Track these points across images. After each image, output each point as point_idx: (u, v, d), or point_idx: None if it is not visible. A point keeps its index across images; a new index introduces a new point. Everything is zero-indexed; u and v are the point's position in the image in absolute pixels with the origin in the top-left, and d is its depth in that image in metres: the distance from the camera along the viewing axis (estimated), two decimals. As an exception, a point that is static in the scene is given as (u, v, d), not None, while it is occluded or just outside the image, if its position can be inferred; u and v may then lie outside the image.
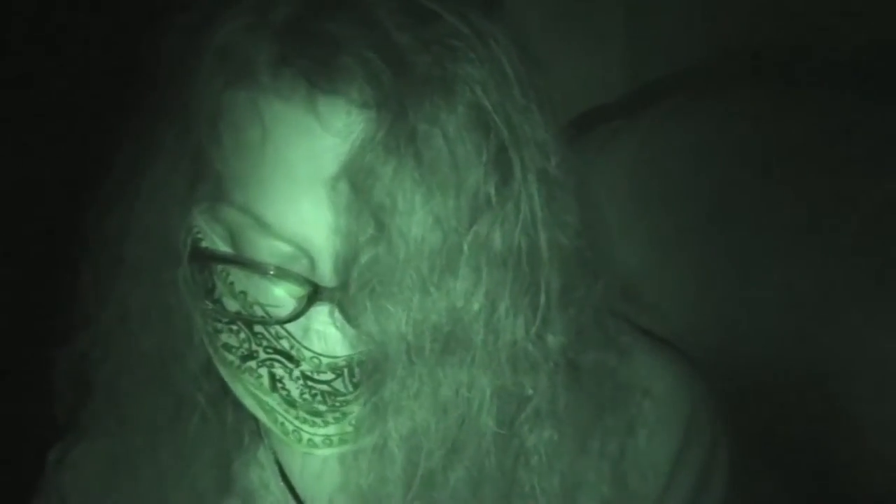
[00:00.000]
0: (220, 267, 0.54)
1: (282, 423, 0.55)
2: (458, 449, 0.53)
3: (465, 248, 0.50)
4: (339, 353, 0.52)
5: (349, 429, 0.55)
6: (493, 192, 0.50)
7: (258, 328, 0.54)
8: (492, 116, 0.50)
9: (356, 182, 0.49)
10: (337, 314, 0.52)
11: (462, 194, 0.49)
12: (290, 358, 0.53)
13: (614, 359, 0.60)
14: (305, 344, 0.53)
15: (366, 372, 0.52)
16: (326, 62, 0.49)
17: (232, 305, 0.54)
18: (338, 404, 0.54)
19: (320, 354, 0.52)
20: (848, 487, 0.80)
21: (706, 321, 0.88)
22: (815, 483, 0.81)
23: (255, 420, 0.65)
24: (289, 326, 0.53)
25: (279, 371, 0.54)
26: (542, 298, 0.53)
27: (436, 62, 0.49)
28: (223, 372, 0.57)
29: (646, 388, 0.62)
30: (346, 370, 0.53)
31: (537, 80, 0.54)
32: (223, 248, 0.54)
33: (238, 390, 0.57)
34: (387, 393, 0.51)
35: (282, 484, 0.64)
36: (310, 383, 0.53)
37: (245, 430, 0.64)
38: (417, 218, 0.48)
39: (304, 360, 0.53)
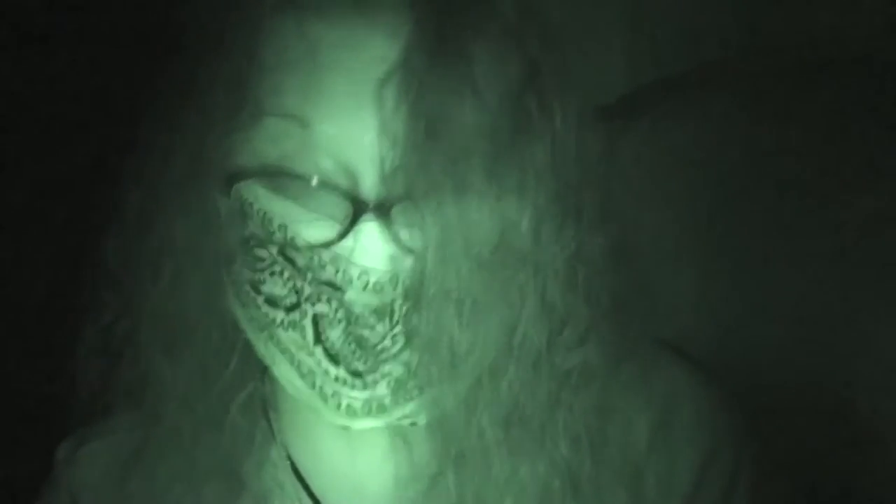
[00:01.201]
0: (257, 206, 0.53)
1: (321, 388, 0.54)
2: (503, 369, 0.53)
3: (512, 158, 0.49)
4: (385, 267, 0.51)
5: (387, 392, 0.54)
6: (532, 106, 0.50)
7: (302, 261, 0.52)
8: (527, 36, 0.50)
9: (404, 86, 0.48)
10: (382, 228, 0.50)
11: (507, 103, 0.49)
12: (336, 287, 0.52)
13: (643, 374, 0.60)
14: (353, 259, 0.51)
15: (406, 289, 0.51)
16: None
17: (272, 248, 0.53)
18: (379, 360, 0.52)
19: (368, 268, 0.51)
20: (854, 489, 0.80)
21: (707, 322, 0.88)
22: (821, 486, 0.81)
23: (267, 419, 0.65)
24: (335, 249, 0.51)
25: (323, 308, 0.52)
26: (583, 218, 0.53)
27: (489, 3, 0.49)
28: (262, 340, 0.55)
29: (668, 408, 0.62)
30: (388, 311, 0.52)
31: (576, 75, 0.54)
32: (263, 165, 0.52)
33: (276, 358, 0.55)
34: (431, 307, 0.50)
35: (296, 482, 0.64)
36: (351, 329, 0.52)
37: (257, 429, 0.63)
38: (466, 123, 0.48)
39: (351, 284, 0.51)
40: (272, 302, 0.54)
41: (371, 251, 0.51)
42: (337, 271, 0.52)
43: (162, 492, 0.61)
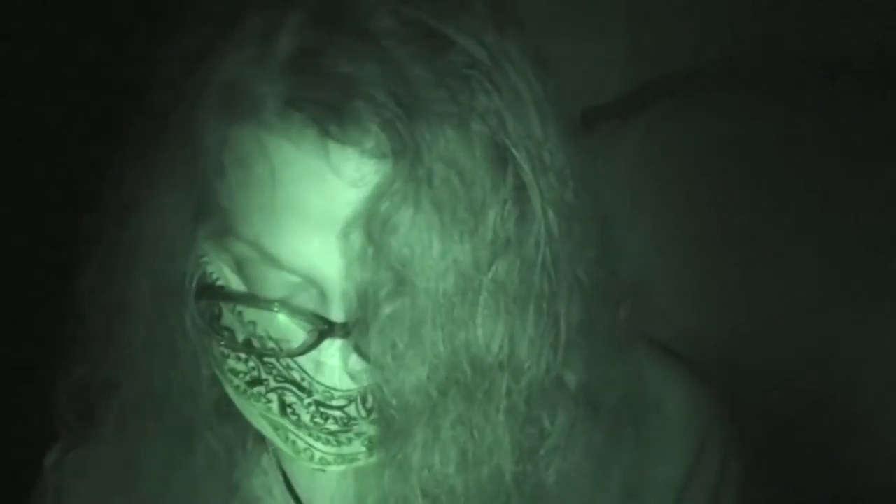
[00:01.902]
0: (231, 306, 0.53)
1: (293, 442, 0.54)
2: (478, 491, 0.52)
3: (484, 290, 0.48)
4: (351, 387, 0.51)
5: (363, 449, 0.54)
6: (512, 230, 0.48)
7: (268, 358, 0.52)
8: (509, 150, 0.47)
9: (371, 233, 0.47)
10: (349, 349, 0.50)
11: (481, 236, 0.47)
12: (301, 388, 0.52)
13: (627, 379, 0.59)
14: (318, 378, 0.51)
15: (381, 417, 0.51)
16: (338, 108, 0.46)
17: (241, 336, 0.53)
18: (351, 426, 0.53)
19: (332, 388, 0.51)
20: (855, 487, 0.79)
21: (709, 322, 0.88)
22: (822, 484, 0.81)
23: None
24: (299, 359, 0.51)
25: (290, 398, 0.53)
26: (563, 336, 0.51)
27: (451, 98, 0.46)
28: (230, 393, 0.56)
29: (656, 406, 0.61)
30: (359, 397, 0.52)
31: (552, 94, 0.51)
32: (232, 277, 0.52)
33: (246, 411, 0.56)
34: (403, 441, 0.50)
35: (285, 490, 0.63)
36: (322, 409, 0.52)
37: (249, 436, 0.63)
38: (436, 266, 0.46)
39: (316, 392, 0.52)
40: (235, 374, 0.54)
41: (333, 371, 0.51)
42: (302, 379, 0.52)
43: (151, 499, 0.60)
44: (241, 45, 0.49)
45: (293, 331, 0.51)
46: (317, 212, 0.48)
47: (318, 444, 0.53)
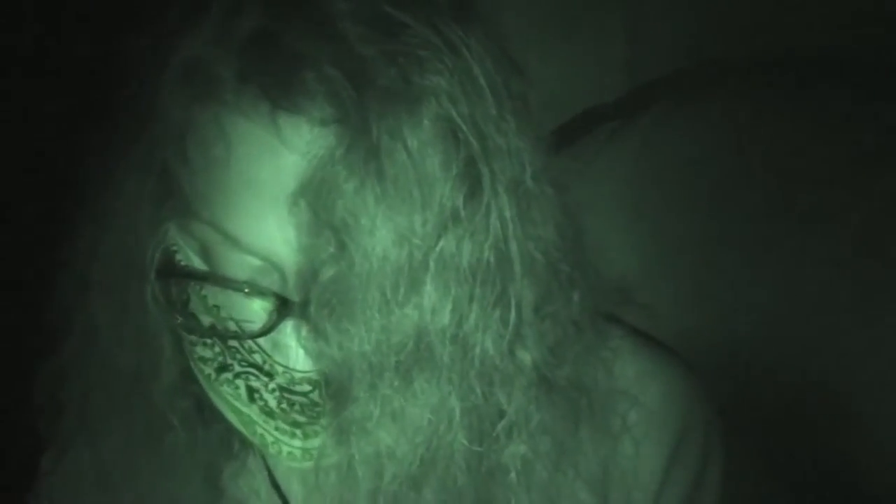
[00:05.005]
0: (192, 288, 0.54)
1: (261, 435, 0.55)
2: (428, 467, 0.52)
3: (431, 264, 0.49)
4: (308, 368, 0.52)
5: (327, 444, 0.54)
6: (461, 205, 0.49)
7: (232, 342, 0.53)
8: (460, 128, 0.49)
9: (315, 199, 0.48)
10: (305, 329, 0.51)
11: (428, 209, 0.48)
12: (263, 371, 0.53)
13: (596, 369, 0.59)
14: (277, 358, 0.52)
15: (329, 391, 0.52)
16: (288, 79, 0.48)
17: (205, 319, 0.54)
18: (316, 415, 0.53)
19: (291, 369, 0.52)
20: (850, 487, 0.79)
21: (706, 323, 0.87)
22: (817, 483, 0.81)
23: None
24: (260, 341, 0.52)
25: (255, 383, 0.54)
26: (513, 313, 0.52)
27: (401, 75, 0.48)
28: (202, 382, 0.57)
29: (634, 397, 0.61)
30: (322, 382, 0.52)
31: (516, 86, 0.52)
32: (196, 260, 0.53)
33: (217, 401, 0.57)
34: (350, 414, 0.50)
35: (271, 490, 0.64)
36: (286, 395, 0.53)
37: (234, 438, 0.63)
38: (379, 235, 0.48)
39: (276, 374, 0.53)
40: (204, 361, 0.55)
41: (292, 351, 0.52)
42: (264, 362, 0.53)
43: (142, 499, 0.61)
44: (201, 27, 0.51)
45: (255, 313, 0.52)
46: (269, 187, 0.49)
47: (285, 438, 0.54)
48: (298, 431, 0.54)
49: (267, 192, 0.49)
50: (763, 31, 1.07)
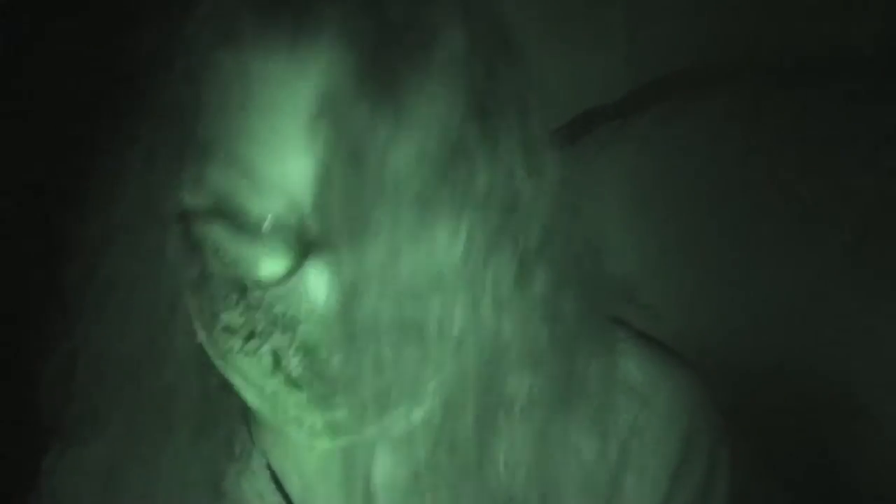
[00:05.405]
0: (210, 242, 0.53)
1: (283, 410, 0.54)
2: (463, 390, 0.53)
3: (446, 190, 0.50)
4: (333, 304, 0.51)
5: (349, 418, 0.54)
6: (473, 135, 0.50)
7: (254, 296, 0.53)
8: (474, 65, 0.50)
9: (333, 120, 0.49)
10: (328, 266, 0.51)
11: (441, 135, 0.49)
12: (288, 322, 0.53)
13: (610, 362, 0.59)
14: (302, 306, 0.52)
15: (345, 329, 0.51)
16: (307, 11, 0.49)
17: (227, 271, 0.54)
18: (339, 386, 0.53)
19: (316, 305, 0.52)
20: (851, 486, 0.79)
21: (706, 320, 0.88)
22: (818, 482, 0.81)
23: (248, 428, 0.64)
24: (283, 287, 0.52)
25: (278, 341, 0.53)
26: (521, 243, 0.53)
27: (414, 7, 0.49)
28: (222, 364, 0.56)
29: (644, 398, 0.61)
30: (343, 343, 0.52)
31: (534, 79, 0.53)
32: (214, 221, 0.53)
33: (237, 380, 0.56)
34: (381, 340, 0.51)
35: (276, 491, 0.63)
36: (308, 359, 0.53)
37: (236, 439, 0.63)
38: (396, 157, 0.48)
39: (302, 320, 0.52)
40: (229, 330, 0.54)
41: (318, 289, 0.51)
42: (288, 308, 0.52)
43: (144, 501, 0.60)
44: None
45: (276, 262, 0.52)
46: (288, 120, 0.50)
47: (307, 412, 0.54)
48: (321, 404, 0.53)
49: (285, 123, 0.50)
50: (763, 32, 1.08)
